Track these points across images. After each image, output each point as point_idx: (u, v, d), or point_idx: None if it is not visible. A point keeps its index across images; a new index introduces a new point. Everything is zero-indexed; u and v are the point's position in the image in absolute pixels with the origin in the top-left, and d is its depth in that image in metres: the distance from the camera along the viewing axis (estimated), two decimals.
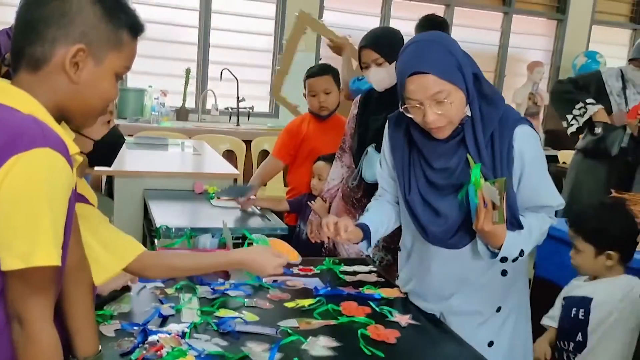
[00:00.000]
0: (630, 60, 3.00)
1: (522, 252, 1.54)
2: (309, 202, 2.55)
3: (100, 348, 1.17)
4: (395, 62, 2.11)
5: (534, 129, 1.59)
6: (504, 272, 1.63)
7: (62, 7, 0.95)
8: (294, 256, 1.48)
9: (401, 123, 1.63)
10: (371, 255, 2.16)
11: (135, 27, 1.04)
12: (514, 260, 1.55)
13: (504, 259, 1.53)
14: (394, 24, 5.96)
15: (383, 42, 2.14)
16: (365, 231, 1.65)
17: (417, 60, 1.45)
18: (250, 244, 1.75)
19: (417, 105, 1.47)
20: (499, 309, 1.65)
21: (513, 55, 6.54)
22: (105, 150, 1.36)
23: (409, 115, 1.51)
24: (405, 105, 1.50)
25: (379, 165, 1.79)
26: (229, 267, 1.50)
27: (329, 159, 2.54)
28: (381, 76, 2.14)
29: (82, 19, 0.96)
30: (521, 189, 1.56)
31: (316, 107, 2.74)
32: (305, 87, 2.78)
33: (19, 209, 0.88)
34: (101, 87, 1.01)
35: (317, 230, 2.50)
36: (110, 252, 1.21)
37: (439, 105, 1.45)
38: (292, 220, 2.79)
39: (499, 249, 1.50)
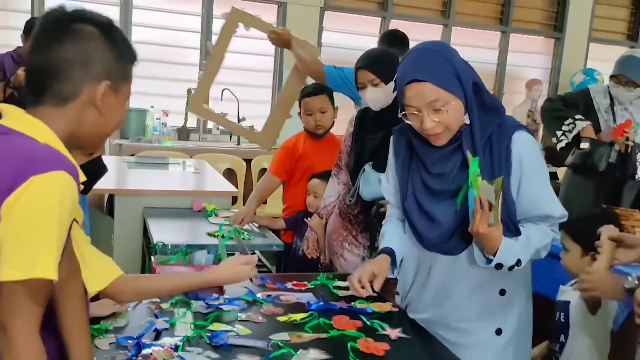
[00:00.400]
0: (611, 77, 3.05)
1: (519, 262, 1.53)
2: (305, 219, 2.59)
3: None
4: (390, 83, 2.18)
5: (534, 137, 1.61)
6: (502, 292, 1.61)
7: (82, 49, 1.06)
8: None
9: (404, 133, 1.67)
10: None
11: (135, 59, 1.17)
12: (510, 268, 1.53)
13: (499, 266, 1.52)
14: None
15: (379, 63, 2.20)
16: (391, 255, 1.69)
17: (416, 68, 1.49)
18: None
19: (415, 112, 1.51)
20: (499, 332, 1.63)
21: (511, 73, 6.61)
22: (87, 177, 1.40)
23: (407, 122, 1.55)
24: (404, 112, 1.54)
25: (386, 181, 1.80)
26: (204, 286, 1.51)
27: (324, 176, 2.59)
28: (377, 96, 2.19)
29: (102, 58, 1.08)
30: (521, 196, 1.55)
31: (312, 126, 2.79)
32: (300, 106, 2.84)
33: (31, 223, 0.94)
34: (117, 115, 1.14)
35: (313, 247, 2.54)
36: (91, 272, 1.23)
37: (436, 112, 1.48)
38: (289, 237, 2.83)
39: (495, 255, 1.50)
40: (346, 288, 1.95)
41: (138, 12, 5.26)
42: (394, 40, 3.28)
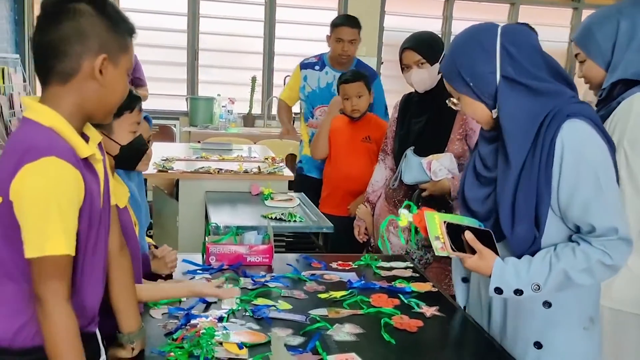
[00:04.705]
0: None
1: (537, 287, 1.37)
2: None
3: (142, 325, 1.35)
4: (435, 65, 2.21)
5: (598, 126, 1.38)
6: (546, 304, 1.45)
7: (77, 26, 1.11)
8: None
9: None
10: (409, 253, 2.25)
11: (132, 31, 1.21)
12: (518, 293, 1.38)
13: (497, 290, 1.40)
14: (456, 25, 5.96)
15: (425, 44, 2.24)
16: None
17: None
18: None
19: None
20: (538, 345, 1.46)
21: None
22: (129, 154, 1.53)
23: None
24: None
25: None
26: (172, 298, 1.60)
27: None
28: (422, 77, 2.23)
29: (97, 32, 1.12)
30: (560, 194, 1.36)
31: (349, 110, 2.93)
32: (338, 92, 2.98)
33: (32, 208, 1.06)
34: (119, 86, 1.19)
35: (364, 232, 2.62)
36: None
37: (456, 101, 1.52)
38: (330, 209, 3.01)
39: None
40: (389, 269, 2.02)
41: (205, 4, 5.48)
42: None
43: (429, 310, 1.66)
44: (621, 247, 1.35)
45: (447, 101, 1.55)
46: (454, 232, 1.43)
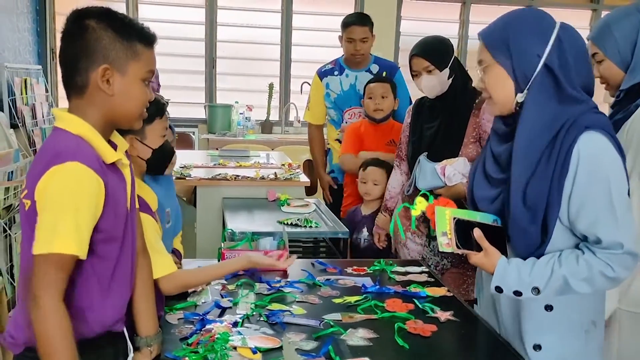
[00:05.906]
0: None
1: (536, 290, 1.38)
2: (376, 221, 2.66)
3: (159, 329, 1.38)
4: (445, 70, 2.21)
5: (614, 138, 1.38)
6: (548, 307, 1.46)
7: (85, 42, 1.17)
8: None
9: None
10: (426, 259, 2.25)
11: (145, 38, 1.23)
12: (518, 294, 1.39)
13: (498, 289, 1.42)
14: (473, 29, 5.94)
15: (433, 50, 2.24)
16: None
17: (485, 27, 1.49)
18: None
19: (478, 71, 1.49)
20: (537, 347, 1.47)
21: None
22: (160, 158, 1.60)
23: None
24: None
25: None
26: (233, 272, 1.78)
27: (377, 164, 2.71)
28: (432, 83, 2.23)
29: (101, 45, 1.17)
30: (571, 205, 1.36)
31: (371, 109, 2.91)
32: (364, 94, 2.98)
33: (49, 206, 1.11)
34: (132, 93, 1.22)
35: (384, 239, 2.62)
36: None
37: (483, 73, 1.46)
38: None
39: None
40: (404, 273, 2.02)
41: (222, 13, 5.54)
42: None
43: (444, 315, 1.66)
44: (626, 260, 1.35)
45: (477, 69, 1.50)
46: (464, 228, 1.43)
